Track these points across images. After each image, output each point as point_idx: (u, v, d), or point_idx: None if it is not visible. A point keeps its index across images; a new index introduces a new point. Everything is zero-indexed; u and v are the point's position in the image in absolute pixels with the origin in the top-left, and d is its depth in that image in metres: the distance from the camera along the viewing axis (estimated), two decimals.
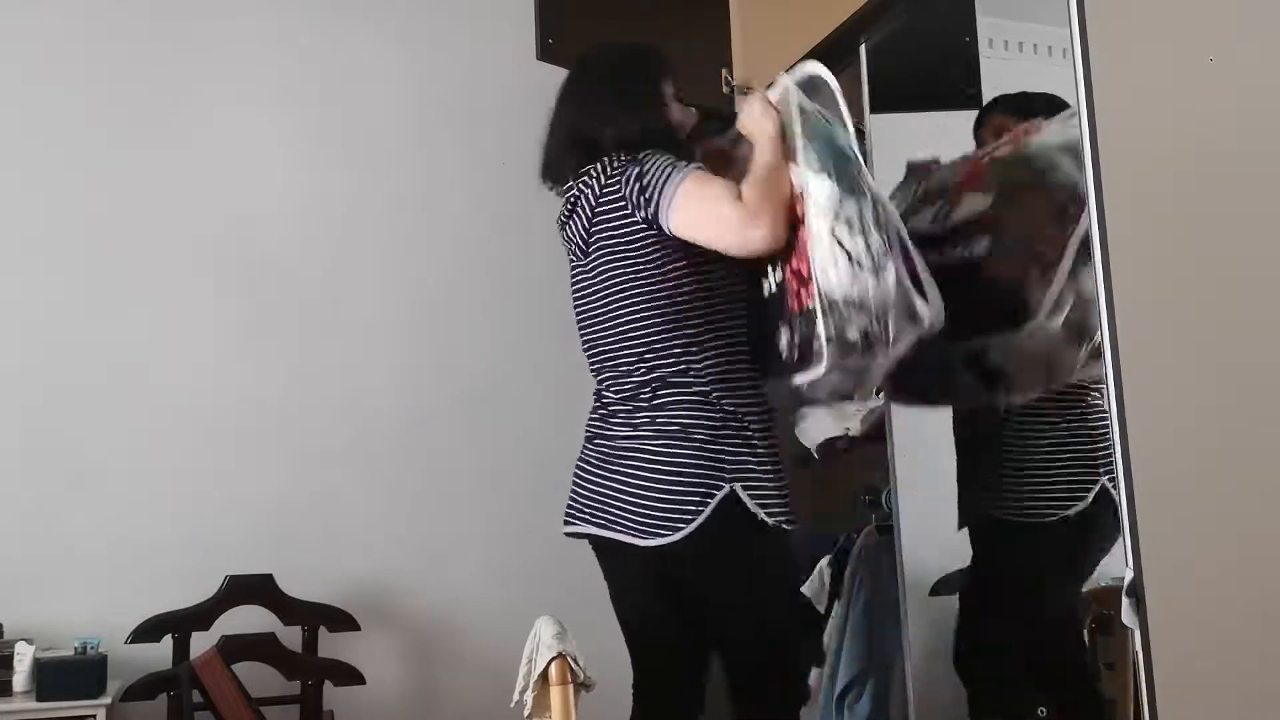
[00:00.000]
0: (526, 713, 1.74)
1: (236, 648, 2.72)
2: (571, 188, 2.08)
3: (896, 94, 2.41)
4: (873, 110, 2.44)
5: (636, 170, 1.94)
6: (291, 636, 2.87)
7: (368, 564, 3.15)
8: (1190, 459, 1.49)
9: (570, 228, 2.08)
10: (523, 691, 1.74)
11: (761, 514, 1.89)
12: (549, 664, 1.66)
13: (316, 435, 3.17)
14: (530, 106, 3.28)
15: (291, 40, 3.31)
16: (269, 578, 2.89)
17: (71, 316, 3.04)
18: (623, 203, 1.95)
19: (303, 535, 3.10)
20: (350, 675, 2.83)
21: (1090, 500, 2.03)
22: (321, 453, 3.16)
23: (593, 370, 2.11)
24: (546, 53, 2.78)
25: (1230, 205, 1.45)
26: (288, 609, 2.89)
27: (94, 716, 2.63)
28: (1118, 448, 1.56)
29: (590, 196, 2.01)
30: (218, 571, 2.88)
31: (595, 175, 2.01)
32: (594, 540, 2.06)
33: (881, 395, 2.42)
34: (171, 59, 3.20)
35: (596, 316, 2.04)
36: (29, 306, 3.02)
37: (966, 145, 2.32)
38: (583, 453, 2.09)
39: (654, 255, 1.95)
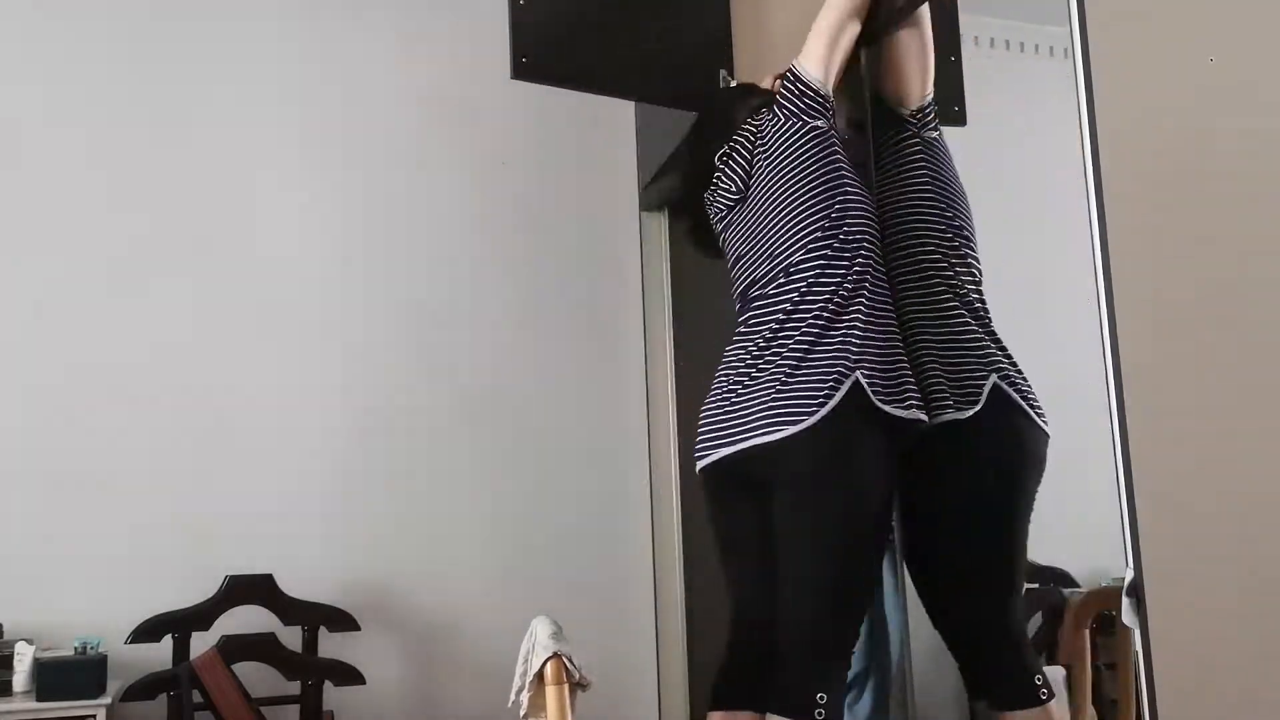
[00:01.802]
0: (522, 713, 1.74)
1: (236, 648, 2.73)
2: (719, 161, 2.28)
3: None
4: (874, 123, 2.44)
5: (780, 97, 2.20)
6: (291, 636, 2.87)
7: (368, 564, 3.15)
8: (1190, 459, 1.49)
9: (722, 180, 2.27)
10: (518, 692, 1.74)
11: (885, 406, 1.94)
12: (544, 664, 1.65)
13: (316, 436, 3.17)
14: (529, 107, 3.30)
15: (292, 42, 3.32)
16: (269, 578, 2.89)
17: (72, 317, 3.04)
18: (778, 126, 2.17)
19: (303, 535, 3.10)
20: (350, 675, 2.82)
21: (984, 398, 2.01)
22: (321, 453, 3.17)
23: (746, 296, 2.18)
24: (520, 71, 2.75)
25: (1230, 205, 1.45)
26: (288, 609, 2.89)
27: (94, 716, 2.63)
28: (1118, 448, 1.56)
29: (745, 143, 2.24)
30: (218, 571, 2.88)
31: (740, 135, 2.25)
32: (720, 466, 2.06)
33: None
34: (172, 60, 3.21)
35: (758, 245, 2.16)
36: (29, 308, 3.02)
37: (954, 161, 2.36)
38: (718, 388, 2.13)
39: (812, 162, 2.12)
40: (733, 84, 3.03)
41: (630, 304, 3.44)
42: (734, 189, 2.25)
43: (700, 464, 2.11)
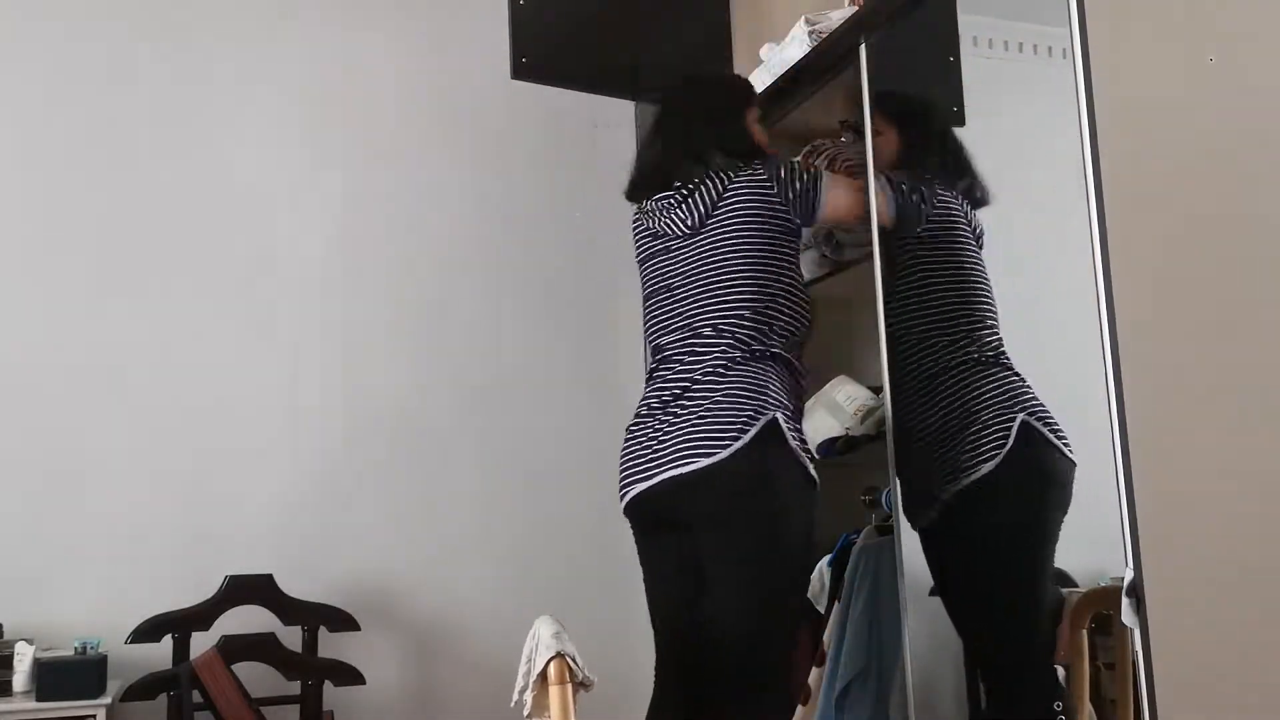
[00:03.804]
0: (526, 712, 1.74)
1: (236, 648, 2.72)
2: (680, 186, 2.29)
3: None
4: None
5: (787, 173, 2.25)
6: (291, 636, 2.87)
7: (368, 564, 3.15)
8: (1190, 459, 1.49)
9: (685, 208, 2.27)
10: (522, 691, 1.74)
11: (799, 452, 2.05)
12: (548, 663, 1.66)
13: (317, 435, 3.17)
14: (529, 108, 3.30)
15: (292, 41, 3.32)
16: (269, 578, 2.89)
17: (72, 317, 3.04)
18: (767, 187, 2.22)
19: (303, 535, 3.10)
20: (350, 675, 2.82)
21: (1013, 438, 2.04)
22: (321, 452, 3.17)
23: (662, 345, 2.30)
24: (520, 71, 2.77)
25: (1230, 205, 1.45)
26: (288, 609, 2.89)
27: (94, 716, 2.63)
28: (1118, 447, 1.57)
29: (718, 185, 2.24)
30: (218, 571, 2.88)
31: (720, 172, 2.26)
32: (639, 503, 2.16)
33: (882, 394, 2.42)
34: (171, 60, 3.21)
35: (685, 290, 2.25)
36: (30, 307, 3.02)
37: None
38: (638, 428, 2.24)
39: (773, 235, 2.22)
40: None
41: (630, 303, 3.43)
42: (689, 223, 2.27)
43: (623, 502, 2.21)
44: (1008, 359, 2.14)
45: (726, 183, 2.23)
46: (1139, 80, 1.59)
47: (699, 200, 2.25)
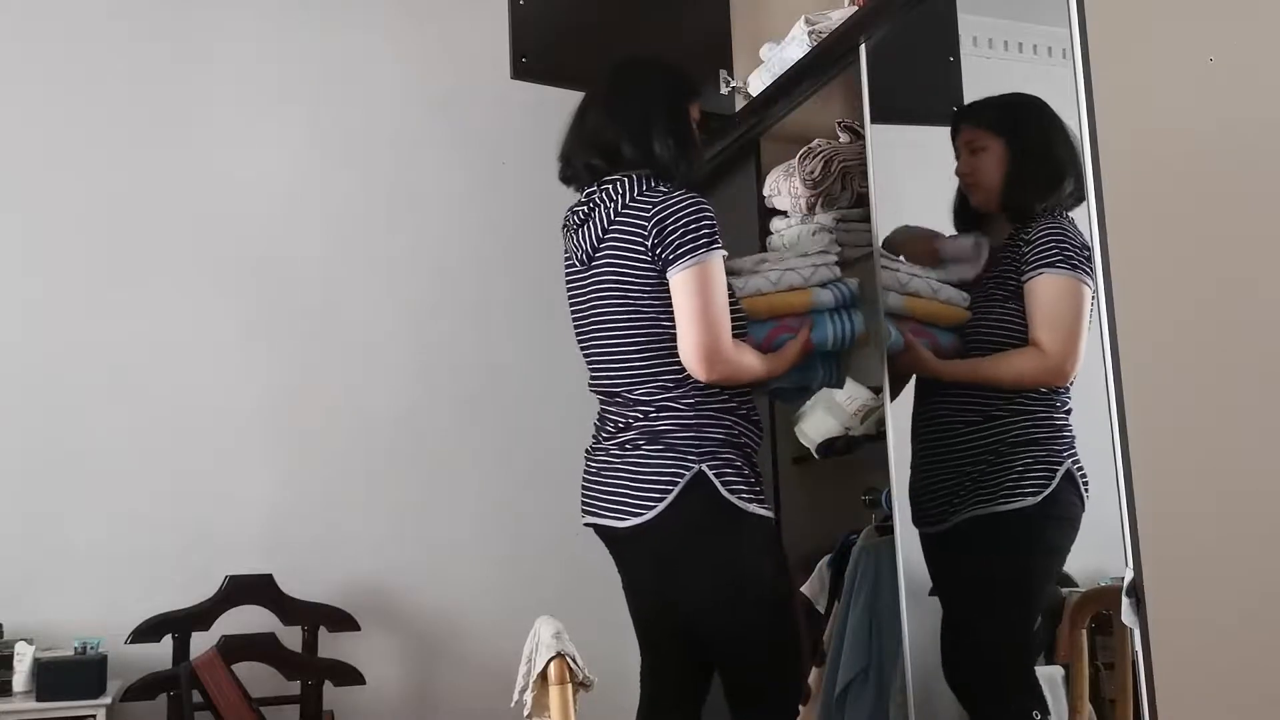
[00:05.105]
0: (526, 712, 1.75)
1: (236, 648, 2.72)
2: (591, 195, 2.09)
3: (894, 105, 2.42)
4: (873, 120, 2.44)
5: (670, 212, 1.97)
6: (291, 636, 2.87)
7: (368, 564, 3.15)
8: (1190, 459, 1.49)
9: (579, 235, 2.11)
10: (522, 691, 1.75)
11: (732, 498, 1.97)
12: (548, 664, 1.66)
13: (316, 435, 3.17)
14: (527, 108, 3.30)
15: (292, 40, 3.31)
16: (269, 578, 2.89)
17: (72, 317, 3.03)
18: (641, 224, 1.99)
19: (303, 535, 3.10)
20: (350, 675, 2.83)
21: (1058, 480, 2.05)
22: (321, 453, 3.16)
23: (592, 361, 2.21)
24: (520, 71, 2.77)
25: (1229, 205, 1.45)
26: (288, 609, 2.89)
27: (94, 716, 2.63)
28: (1118, 448, 1.57)
29: (610, 211, 2.04)
30: (218, 571, 2.88)
31: (620, 191, 2.04)
32: (596, 529, 2.16)
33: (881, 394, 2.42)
34: (171, 59, 3.20)
35: (589, 328, 2.13)
36: (29, 306, 3.01)
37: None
38: (591, 454, 2.23)
39: (650, 282, 2.01)
40: (733, 83, 3.03)
41: None
42: (579, 255, 2.09)
43: (583, 522, 2.20)
44: (1070, 405, 2.12)
45: (614, 214, 2.01)
46: (1139, 80, 1.59)
47: (588, 232, 2.07)
